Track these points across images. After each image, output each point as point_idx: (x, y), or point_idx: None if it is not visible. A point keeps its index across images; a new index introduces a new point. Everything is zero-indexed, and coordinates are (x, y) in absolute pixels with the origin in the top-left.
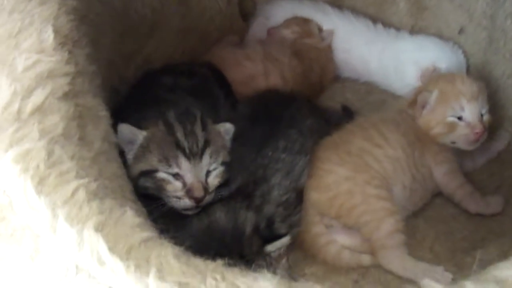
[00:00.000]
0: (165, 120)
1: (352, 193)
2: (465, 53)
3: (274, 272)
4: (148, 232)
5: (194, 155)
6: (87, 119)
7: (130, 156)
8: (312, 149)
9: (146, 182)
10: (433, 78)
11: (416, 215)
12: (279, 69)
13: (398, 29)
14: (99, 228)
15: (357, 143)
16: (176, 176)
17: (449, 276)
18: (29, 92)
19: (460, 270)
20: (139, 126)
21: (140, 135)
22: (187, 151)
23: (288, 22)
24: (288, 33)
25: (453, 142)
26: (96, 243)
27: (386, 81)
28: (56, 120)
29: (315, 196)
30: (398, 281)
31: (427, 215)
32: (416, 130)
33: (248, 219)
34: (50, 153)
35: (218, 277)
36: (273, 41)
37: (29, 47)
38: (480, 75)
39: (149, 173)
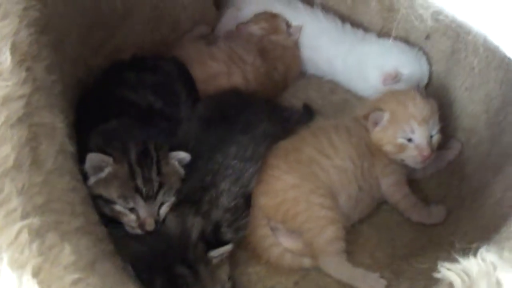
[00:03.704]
0: (129, 162)
1: (297, 200)
2: (430, 58)
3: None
4: (78, 273)
5: (149, 197)
6: (42, 137)
7: (91, 179)
8: (263, 154)
9: (102, 206)
10: (387, 95)
11: (362, 221)
12: (242, 69)
13: (367, 29)
14: (36, 273)
15: (307, 152)
16: (132, 210)
17: (383, 282)
18: None
19: (396, 277)
20: (104, 150)
21: (107, 169)
22: (144, 194)
23: (257, 18)
24: (256, 29)
25: (402, 160)
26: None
27: (349, 82)
28: (7, 151)
29: (263, 201)
30: (336, 284)
31: (372, 221)
32: (368, 142)
33: (195, 225)
34: (0, 191)
35: None
36: (241, 37)
37: None
38: (441, 83)
39: (107, 201)
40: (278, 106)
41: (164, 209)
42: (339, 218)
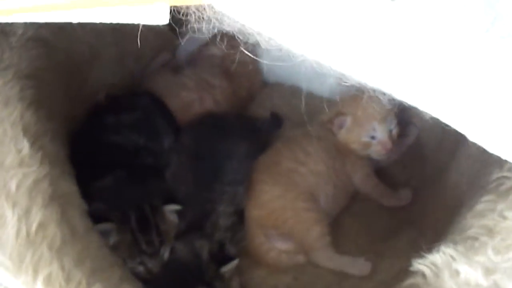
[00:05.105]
0: (131, 230)
1: (284, 208)
2: None
3: None
4: None
5: (153, 254)
6: (67, 206)
7: None
8: (249, 173)
9: None
10: (348, 100)
11: (343, 212)
12: (212, 94)
13: None
14: None
15: (285, 164)
16: (140, 263)
17: (369, 264)
18: (28, 212)
19: (378, 257)
20: (107, 218)
21: (112, 237)
22: (148, 253)
23: (215, 39)
24: (215, 50)
25: (368, 154)
26: None
27: (308, 84)
28: (54, 230)
29: (255, 213)
30: (329, 273)
31: (351, 211)
32: (336, 143)
33: (203, 246)
34: (63, 269)
35: None
36: (203, 60)
37: (11, 162)
38: None
39: None
40: (249, 118)
41: (166, 254)
42: (322, 217)
